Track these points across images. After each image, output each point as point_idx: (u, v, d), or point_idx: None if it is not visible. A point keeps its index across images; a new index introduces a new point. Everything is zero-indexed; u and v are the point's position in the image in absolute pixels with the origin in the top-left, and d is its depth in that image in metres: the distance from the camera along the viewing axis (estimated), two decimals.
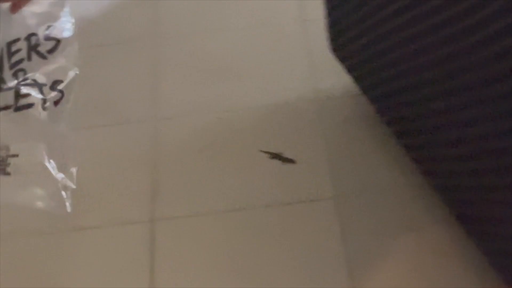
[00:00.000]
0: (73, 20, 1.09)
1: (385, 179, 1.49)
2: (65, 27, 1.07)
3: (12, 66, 1.01)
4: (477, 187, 1.26)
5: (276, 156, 1.53)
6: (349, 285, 1.34)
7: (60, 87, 1.02)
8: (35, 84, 1.00)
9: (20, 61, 1.01)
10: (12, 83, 0.99)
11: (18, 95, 0.98)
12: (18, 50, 1.01)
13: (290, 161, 1.52)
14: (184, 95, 1.77)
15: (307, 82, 1.73)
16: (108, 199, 1.55)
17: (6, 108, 0.98)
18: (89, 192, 1.53)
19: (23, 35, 1.02)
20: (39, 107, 0.97)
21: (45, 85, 1.01)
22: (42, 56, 1.03)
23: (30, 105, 0.98)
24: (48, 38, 1.05)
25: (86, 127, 1.72)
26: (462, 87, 1.17)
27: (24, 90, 0.99)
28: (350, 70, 1.50)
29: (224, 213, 1.47)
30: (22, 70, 1.01)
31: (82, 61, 1.90)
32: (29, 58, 1.02)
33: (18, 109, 0.97)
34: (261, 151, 1.54)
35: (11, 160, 0.97)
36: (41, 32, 1.04)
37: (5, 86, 1.00)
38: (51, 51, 1.04)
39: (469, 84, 1.13)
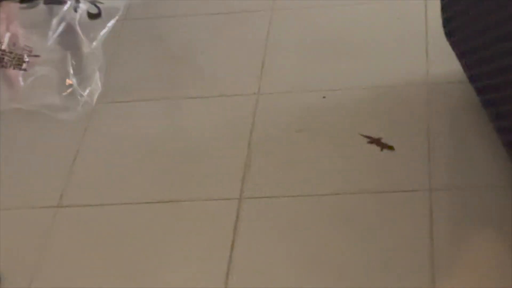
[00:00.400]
0: None
1: (485, 177, 1.43)
2: None
3: None
4: None
5: (375, 141, 1.50)
6: (429, 280, 1.29)
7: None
8: None
9: None
10: None
11: None
12: None
13: (389, 147, 1.48)
14: (291, 70, 1.76)
15: (420, 66, 1.69)
16: (201, 172, 1.58)
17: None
18: (185, 162, 1.58)
19: None
20: (71, 8, 0.98)
21: None
22: None
23: (61, 2, 1.03)
24: None
25: (188, 97, 1.79)
26: None
27: None
28: (460, 57, 1.46)
29: (313, 197, 1.46)
30: None
31: (196, 27, 1.96)
32: None
33: (47, 1, 0.99)
34: (360, 134, 1.51)
35: (31, 59, 1.02)
36: None
37: None
38: None
39: None
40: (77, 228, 1.55)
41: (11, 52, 1.19)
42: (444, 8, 1.49)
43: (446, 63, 1.60)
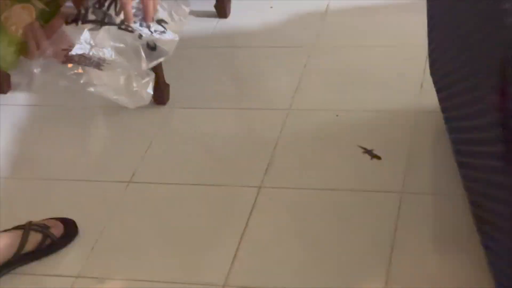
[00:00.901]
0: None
1: (447, 186, 1.51)
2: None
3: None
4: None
5: (368, 151, 1.61)
6: (383, 277, 1.38)
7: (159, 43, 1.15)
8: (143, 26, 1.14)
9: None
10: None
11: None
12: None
13: (377, 157, 1.60)
14: (317, 93, 1.89)
15: (414, 98, 1.79)
16: (236, 165, 1.72)
17: (110, 24, 1.14)
18: (226, 155, 1.74)
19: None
20: (136, 37, 1.13)
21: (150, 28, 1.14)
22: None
23: (131, 30, 1.13)
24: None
25: (238, 108, 1.95)
26: None
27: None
28: (437, 92, 1.57)
29: (315, 190, 1.58)
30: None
31: (253, 55, 2.11)
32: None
33: (120, 28, 1.13)
34: (358, 145, 1.63)
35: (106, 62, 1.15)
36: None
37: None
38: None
39: None
40: (142, 199, 1.67)
41: (90, 58, 1.21)
42: (430, 54, 1.62)
43: (434, 96, 1.65)
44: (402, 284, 1.36)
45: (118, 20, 1.14)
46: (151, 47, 1.18)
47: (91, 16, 1.16)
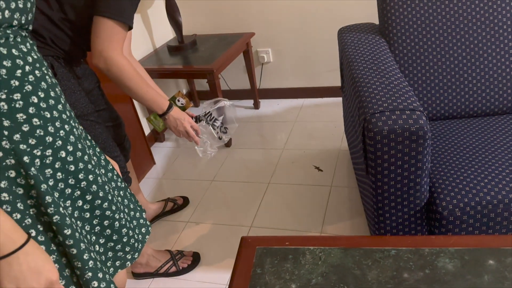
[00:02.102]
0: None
1: (351, 183, 1.81)
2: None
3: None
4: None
5: (316, 167, 1.92)
6: (320, 226, 1.60)
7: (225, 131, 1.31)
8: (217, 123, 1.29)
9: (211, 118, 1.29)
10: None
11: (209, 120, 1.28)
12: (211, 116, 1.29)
13: (321, 170, 1.89)
14: (296, 143, 2.18)
15: (339, 144, 2.11)
16: (252, 168, 2.01)
17: (207, 122, 1.28)
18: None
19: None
20: (213, 130, 1.29)
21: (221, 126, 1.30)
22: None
23: (213, 126, 1.29)
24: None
25: (245, 147, 2.21)
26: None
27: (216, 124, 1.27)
28: (348, 141, 1.85)
29: (294, 185, 1.84)
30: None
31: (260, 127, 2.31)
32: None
33: (208, 124, 1.30)
34: (313, 165, 1.94)
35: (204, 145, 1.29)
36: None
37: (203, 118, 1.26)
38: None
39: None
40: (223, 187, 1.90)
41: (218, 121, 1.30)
42: (345, 125, 1.84)
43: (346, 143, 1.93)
44: (331, 231, 1.56)
45: (210, 122, 1.31)
46: (219, 137, 1.37)
47: (201, 117, 1.34)
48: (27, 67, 0.59)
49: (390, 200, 1.15)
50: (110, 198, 0.74)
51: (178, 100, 1.35)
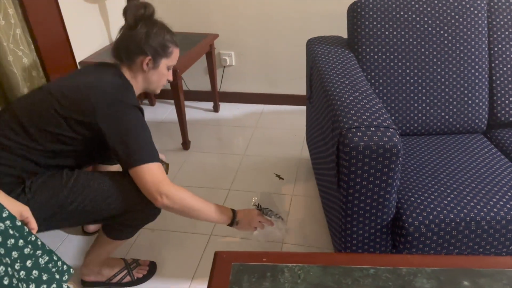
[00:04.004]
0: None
1: (311, 193, 1.82)
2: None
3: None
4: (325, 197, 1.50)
5: (277, 176, 1.91)
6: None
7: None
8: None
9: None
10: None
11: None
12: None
13: (282, 178, 1.89)
14: (257, 149, 2.13)
15: (299, 152, 2.11)
16: (211, 173, 1.94)
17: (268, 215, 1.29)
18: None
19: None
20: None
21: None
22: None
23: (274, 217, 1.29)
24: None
25: (204, 151, 2.14)
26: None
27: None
28: (309, 151, 1.85)
29: (251, 193, 1.79)
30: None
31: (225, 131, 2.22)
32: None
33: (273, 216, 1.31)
34: (274, 173, 1.93)
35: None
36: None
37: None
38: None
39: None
40: None
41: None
42: (307, 134, 1.87)
43: (308, 152, 1.97)
44: (293, 241, 1.54)
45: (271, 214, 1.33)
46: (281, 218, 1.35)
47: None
48: None
49: (359, 215, 1.16)
50: None
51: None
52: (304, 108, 2.50)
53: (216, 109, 2.54)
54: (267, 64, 2.48)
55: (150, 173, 1.08)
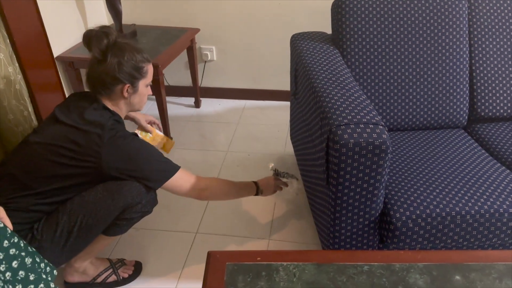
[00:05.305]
0: None
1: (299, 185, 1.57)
2: None
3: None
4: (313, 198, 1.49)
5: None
6: (268, 230, 1.58)
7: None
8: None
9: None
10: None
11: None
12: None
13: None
14: (241, 145, 2.15)
15: (283, 148, 2.12)
16: (194, 170, 1.80)
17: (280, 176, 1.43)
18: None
19: None
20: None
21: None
22: None
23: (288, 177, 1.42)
24: None
25: (186, 148, 2.11)
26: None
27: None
28: (293, 146, 1.86)
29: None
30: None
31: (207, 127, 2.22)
32: None
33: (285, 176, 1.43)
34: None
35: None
36: None
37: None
38: None
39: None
40: None
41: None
42: (290, 129, 1.88)
43: (291, 147, 1.96)
44: (280, 237, 1.55)
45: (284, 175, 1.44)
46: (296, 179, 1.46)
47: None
48: None
49: (348, 211, 1.17)
50: None
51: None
52: (287, 103, 2.51)
53: (197, 104, 2.52)
54: (249, 59, 2.47)
55: (183, 181, 1.21)
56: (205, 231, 1.62)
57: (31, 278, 0.83)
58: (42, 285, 0.84)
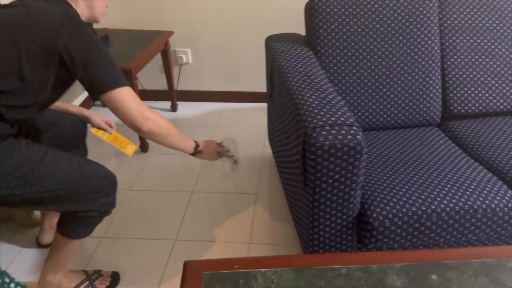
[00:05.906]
0: None
1: (276, 191, 1.82)
2: None
3: None
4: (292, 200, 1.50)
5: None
6: (249, 234, 1.56)
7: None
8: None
9: None
10: None
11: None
12: None
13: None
14: None
15: (262, 150, 2.10)
16: (173, 176, 1.92)
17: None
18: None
19: None
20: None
21: None
22: None
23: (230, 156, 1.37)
24: None
25: (163, 153, 1.97)
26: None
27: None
28: (272, 148, 1.89)
29: (215, 194, 1.79)
30: None
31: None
32: None
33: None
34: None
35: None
36: None
37: None
38: None
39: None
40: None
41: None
42: (269, 131, 1.90)
43: (270, 150, 2.00)
44: (260, 241, 1.53)
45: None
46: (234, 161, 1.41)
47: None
48: None
49: (326, 212, 1.17)
50: None
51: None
52: (264, 105, 2.51)
53: (174, 108, 2.49)
54: (226, 61, 2.45)
55: (130, 97, 1.05)
56: (185, 238, 1.60)
57: None
58: None
